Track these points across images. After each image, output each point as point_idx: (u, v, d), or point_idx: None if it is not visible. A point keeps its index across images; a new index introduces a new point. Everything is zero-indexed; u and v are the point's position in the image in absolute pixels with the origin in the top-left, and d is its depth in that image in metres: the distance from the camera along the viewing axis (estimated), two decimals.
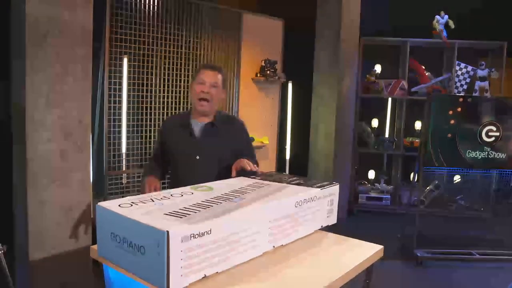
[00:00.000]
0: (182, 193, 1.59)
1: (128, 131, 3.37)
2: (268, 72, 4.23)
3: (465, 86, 5.25)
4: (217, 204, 1.43)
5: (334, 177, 4.91)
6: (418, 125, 5.50)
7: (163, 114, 3.47)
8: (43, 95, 2.47)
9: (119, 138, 3.33)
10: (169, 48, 3.51)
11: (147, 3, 3.35)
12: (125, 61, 3.32)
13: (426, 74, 5.30)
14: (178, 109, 3.58)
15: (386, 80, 5.36)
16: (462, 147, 3.75)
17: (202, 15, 3.72)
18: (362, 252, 1.56)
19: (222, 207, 1.39)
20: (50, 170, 2.54)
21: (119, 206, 1.36)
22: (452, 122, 3.71)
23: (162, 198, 1.49)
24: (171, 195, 1.54)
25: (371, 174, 5.75)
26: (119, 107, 3.30)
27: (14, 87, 2.62)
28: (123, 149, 3.36)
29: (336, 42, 4.80)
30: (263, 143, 4.38)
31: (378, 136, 5.58)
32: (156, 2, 3.41)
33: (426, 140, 3.74)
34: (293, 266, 1.42)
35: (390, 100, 5.74)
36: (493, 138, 3.75)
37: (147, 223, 1.19)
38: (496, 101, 3.77)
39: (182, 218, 1.26)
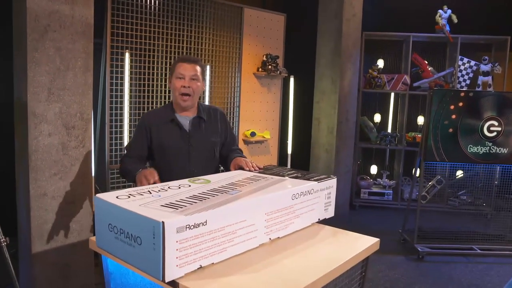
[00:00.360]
0: (179, 185, 1.60)
1: (129, 125, 3.39)
2: (269, 66, 4.23)
3: (468, 81, 5.23)
4: (213, 196, 1.45)
5: (336, 172, 4.92)
6: (420, 120, 5.49)
7: None
8: (44, 89, 2.49)
9: (121, 132, 3.34)
10: (170, 42, 3.52)
11: None
12: (126, 55, 3.32)
13: (429, 69, 5.29)
14: None
15: (388, 74, 5.36)
16: (464, 142, 3.74)
17: (203, 10, 3.72)
18: (358, 244, 1.57)
19: (219, 199, 1.40)
20: (51, 164, 2.56)
21: (117, 197, 1.38)
22: (453, 116, 3.71)
23: (159, 190, 1.51)
24: (169, 187, 1.56)
25: (373, 169, 5.75)
26: (121, 101, 3.32)
27: (15, 82, 2.64)
28: (125, 143, 3.38)
29: (338, 37, 4.79)
30: (265, 138, 4.39)
31: (380, 131, 5.58)
32: None
33: (427, 134, 3.74)
34: (288, 257, 1.43)
35: (392, 95, 5.74)
36: (495, 133, 3.74)
37: (143, 214, 1.20)
38: (498, 96, 3.76)
39: (178, 209, 1.27)
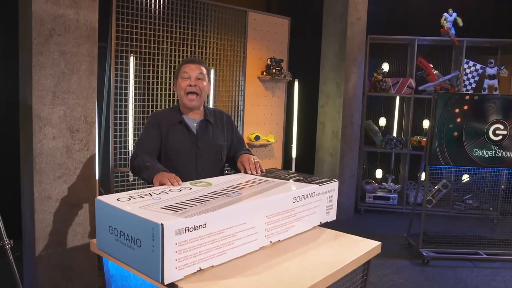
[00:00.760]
0: (180, 188, 1.61)
1: (134, 129, 3.40)
2: (274, 70, 4.23)
3: (473, 85, 5.20)
4: (214, 199, 1.45)
5: (341, 175, 4.91)
6: (426, 123, 5.47)
7: None
8: (49, 93, 2.51)
9: (125, 135, 3.36)
10: (175, 46, 3.53)
11: (153, 2, 3.38)
12: (131, 59, 3.35)
13: (434, 72, 5.27)
14: None
15: (393, 78, 5.34)
16: (469, 146, 3.72)
17: (207, 14, 3.74)
18: (359, 248, 1.57)
19: (219, 202, 1.41)
20: (56, 167, 2.58)
21: (117, 200, 1.39)
22: (458, 120, 3.69)
23: (160, 193, 1.52)
24: (170, 190, 1.57)
25: (379, 173, 5.73)
26: (125, 105, 3.33)
27: (21, 85, 2.67)
28: (130, 146, 3.40)
29: (342, 40, 4.79)
30: (269, 142, 4.39)
31: (386, 134, 5.56)
32: (161, 0, 3.44)
33: (431, 138, 3.72)
34: (289, 260, 1.43)
35: (397, 98, 5.72)
36: (500, 137, 3.71)
37: (143, 216, 1.21)
38: (503, 99, 3.73)
39: (177, 211, 1.28)
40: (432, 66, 5.30)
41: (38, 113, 2.49)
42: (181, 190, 1.57)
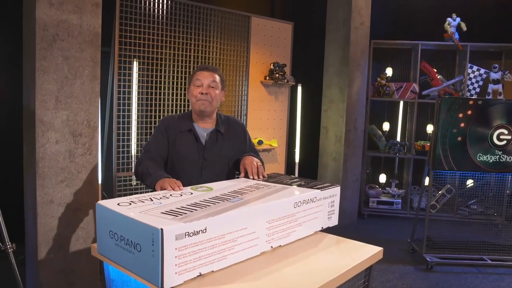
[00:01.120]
0: (181, 193, 1.61)
1: (137, 133, 3.41)
2: (277, 75, 4.23)
3: (477, 89, 5.18)
4: (214, 204, 1.45)
5: (344, 180, 4.90)
6: (429, 128, 5.44)
7: None
8: (52, 97, 2.52)
9: (128, 140, 3.37)
10: (178, 51, 3.55)
11: (156, 7, 3.40)
12: (134, 64, 3.36)
13: (438, 77, 5.25)
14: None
15: (397, 83, 5.32)
16: (473, 151, 3.70)
17: (211, 19, 3.75)
18: (361, 253, 1.56)
19: (219, 207, 1.40)
20: (58, 171, 2.59)
21: (118, 204, 1.39)
22: (462, 125, 3.67)
23: (161, 198, 1.51)
24: (171, 195, 1.57)
25: (382, 178, 5.70)
26: (128, 109, 3.34)
27: (24, 89, 2.68)
28: (133, 151, 3.41)
29: (346, 45, 4.79)
30: (272, 146, 4.38)
31: (389, 139, 5.54)
32: (164, 6, 3.45)
33: (435, 143, 3.70)
34: (290, 265, 1.42)
35: (401, 103, 5.70)
36: (504, 142, 3.69)
37: (143, 221, 1.21)
38: (507, 104, 3.70)
39: (178, 216, 1.27)
40: (435, 70, 5.28)
41: (41, 117, 2.50)
42: (182, 195, 1.57)
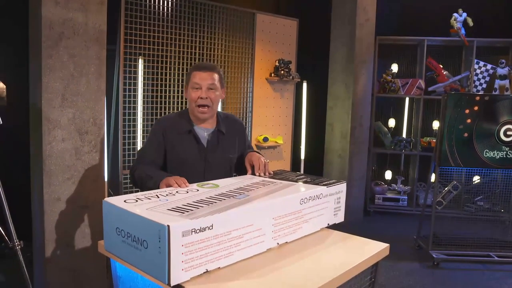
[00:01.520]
0: (187, 190, 1.61)
1: (143, 131, 3.42)
2: (282, 72, 4.22)
3: (484, 85, 5.14)
4: (220, 200, 1.45)
5: (350, 177, 4.88)
6: (435, 124, 5.42)
7: None
8: (58, 95, 2.54)
9: (134, 137, 3.38)
10: (183, 49, 3.55)
11: (161, 5, 3.40)
12: (140, 62, 3.37)
13: (444, 73, 5.22)
14: None
15: (402, 79, 5.30)
16: (479, 147, 3.67)
17: (216, 16, 3.75)
18: (367, 249, 1.55)
19: (226, 203, 1.40)
20: (65, 169, 2.60)
21: (125, 201, 1.39)
22: (468, 121, 3.65)
23: (167, 195, 1.52)
24: (177, 192, 1.57)
25: (388, 175, 5.69)
26: (134, 107, 3.35)
27: (31, 88, 2.69)
28: (138, 148, 3.41)
29: (351, 42, 4.77)
30: (278, 143, 4.38)
31: (395, 136, 5.52)
32: (170, 3, 3.45)
33: (441, 139, 3.68)
34: (296, 262, 1.42)
35: (407, 99, 5.68)
36: (511, 138, 3.66)
37: (149, 218, 1.21)
38: None
39: (184, 213, 1.28)
40: (442, 66, 5.25)
41: (48, 115, 2.51)
42: (188, 192, 1.57)
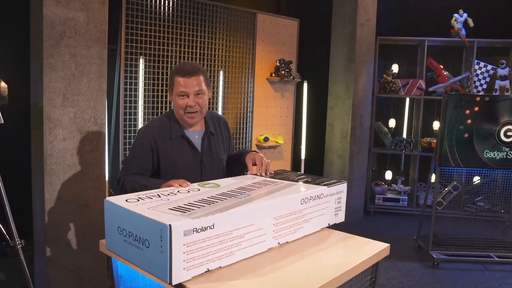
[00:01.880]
0: (189, 189, 1.61)
1: None
2: (283, 72, 4.23)
3: (484, 86, 5.15)
4: (222, 200, 1.46)
5: (350, 177, 4.89)
6: (436, 125, 5.42)
7: None
8: (60, 95, 2.54)
9: (135, 137, 3.38)
10: (184, 48, 3.56)
11: (162, 4, 3.40)
12: (141, 61, 3.37)
13: (444, 73, 5.22)
14: None
15: (403, 79, 5.30)
16: (480, 147, 3.68)
17: (217, 16, 3.76)
18: (368, 249, 1.56)
19: (227, 203, 1.41)
20: (66, 168, 2.60)
21: (126, 201, 1.40)
22: (469, 121, 3.65)
23: (168, 194, 1.52)
24: (178, 191, 1.57)
25: (388, 175, 5.69)
26: (135, 107, 3.36)
27: (32, 87, 2.70)
28: None
29: (352, 42, 4.77)
30: (278, 143, 4.39)
31: (395, 136, 5.52)
32: (171, 3, 3.46)
33: (442, 140, 3.69)
34: (297, 262, 1.42)
35: (407, 100, 5.68)
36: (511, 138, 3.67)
37: (151, 217, 1.22)
38: None
39: (186, 213, 1.28)
40: (442, 67, 5.25)
41: (49, 114, 2.51)
42: (189, 192, 1.58)
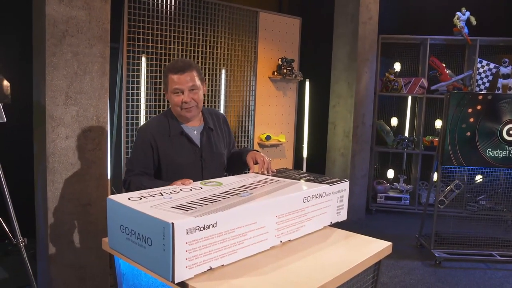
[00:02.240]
0: (191, 188, 1.62)
1: None
2: (285, 70, 4.23)
3: (487, 84, 5.14)
4: (224, 198, 1.46)
5: (352, 176, 4.89)
6: (438, 123, 5.42)
7: None
8: (62, 93, 2.55)
9: (135, 138, 3.39)
10: (186, 47, 3.56)
11: (164, 3, 3.40)
12: (143, 59, 3.37)
13: (447, 72, 5.21)
14: None
15: (405, 78, 5.30)
16: (482, 146, 3.67)
17: (219, 14, 3.76)
18: (370, 248, 1.56)
19: (229, 201, 1.41)
20: (68, 166, 2.61)
21: (129, 199, 1.40)
22: (471, 120, 3.64)
23: (171, 192, 1.53)
24: (181, 190, 1.58)
25: (390, 173, 5.69)
26: (137, 105, 3.37)
27: (34, 85, 2.70)
28: None
29: (354, 40, 4.77)
30: (280, 142, 4.39)
31: (397, 135, 5.52)
32: (173, 1, 3.46)
33: (444, 138, 3.68)
34: (299, 260, 1.42)
35: (409, 98, 5.67)
36: None
37: (153, 215, 1.22)
38: None
39: (188, 211, 1.28)
40: (444, 65, 5.25)
41: (51, 113, 2.52)
42: (191, 190, 1.58)
